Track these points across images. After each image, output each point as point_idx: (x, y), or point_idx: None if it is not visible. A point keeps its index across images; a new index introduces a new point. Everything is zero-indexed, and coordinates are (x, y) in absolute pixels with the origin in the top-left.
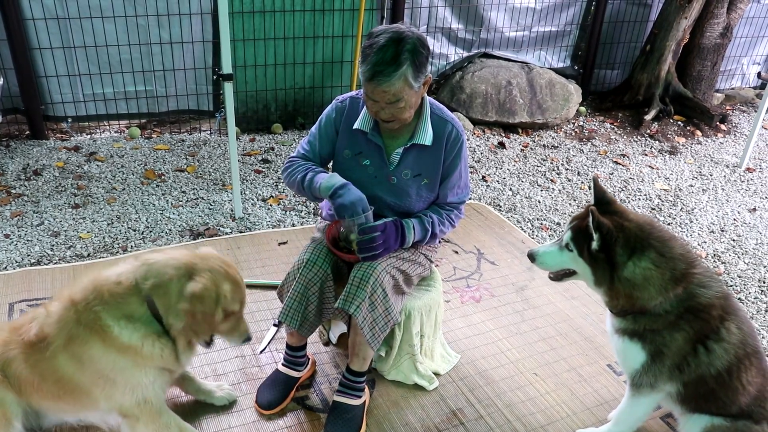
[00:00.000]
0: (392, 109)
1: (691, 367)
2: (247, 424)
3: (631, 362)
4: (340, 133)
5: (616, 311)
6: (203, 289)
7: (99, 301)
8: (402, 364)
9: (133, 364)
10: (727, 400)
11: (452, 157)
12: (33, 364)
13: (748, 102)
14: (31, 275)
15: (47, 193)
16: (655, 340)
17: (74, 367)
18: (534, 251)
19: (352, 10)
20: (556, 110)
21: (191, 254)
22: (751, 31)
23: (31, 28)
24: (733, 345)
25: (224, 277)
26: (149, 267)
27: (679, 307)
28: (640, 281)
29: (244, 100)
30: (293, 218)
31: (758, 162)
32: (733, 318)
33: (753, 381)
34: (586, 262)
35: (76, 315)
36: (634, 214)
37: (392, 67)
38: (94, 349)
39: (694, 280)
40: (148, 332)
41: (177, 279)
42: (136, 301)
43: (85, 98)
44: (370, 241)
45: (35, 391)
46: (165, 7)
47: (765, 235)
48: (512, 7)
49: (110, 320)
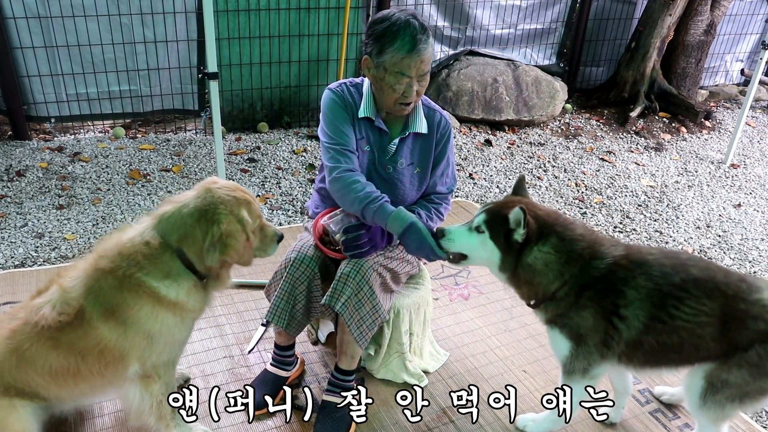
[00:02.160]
0: (421, 83)
1: (618, 339)
2: (236, 425)
3: (558, 351)
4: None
5: (527, 302)
6: (228, 229)
7: (135, 265)
8: (391, 363)
9: (180, 320)
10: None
11: (442, 145)
12: (68, 345)
13: (732, 99)
14: (15, 277)
15: (31, 194)
16: (568, 324)
17: (118, 333)
18: (444, 228)
19: (337, 8)
20: (542, 108)
21: (197, 194)
22: (734, 28)
23: (12, 28)
24: (646, 297)
25: (237, 203)
26: (167, 221)
27: (575, 286)
28: (540, 267)
29: (229, 99)
30: (280, 217)
31: (742, 158)
32: (638, 272)
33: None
34: (498, 247)
35: (116, 282)
36: (542, 206)
37: (425, 34)
38: (143, 311)
39: (589, 255)
40: (189, 285)
41: (198, 225)
42: (169, 258)
43: (69, 98)
44: (355, 240)
45: (60, 378)
46: (149, 5)
47: (750, 231)
48: (498, 5)
49: (154, 281)
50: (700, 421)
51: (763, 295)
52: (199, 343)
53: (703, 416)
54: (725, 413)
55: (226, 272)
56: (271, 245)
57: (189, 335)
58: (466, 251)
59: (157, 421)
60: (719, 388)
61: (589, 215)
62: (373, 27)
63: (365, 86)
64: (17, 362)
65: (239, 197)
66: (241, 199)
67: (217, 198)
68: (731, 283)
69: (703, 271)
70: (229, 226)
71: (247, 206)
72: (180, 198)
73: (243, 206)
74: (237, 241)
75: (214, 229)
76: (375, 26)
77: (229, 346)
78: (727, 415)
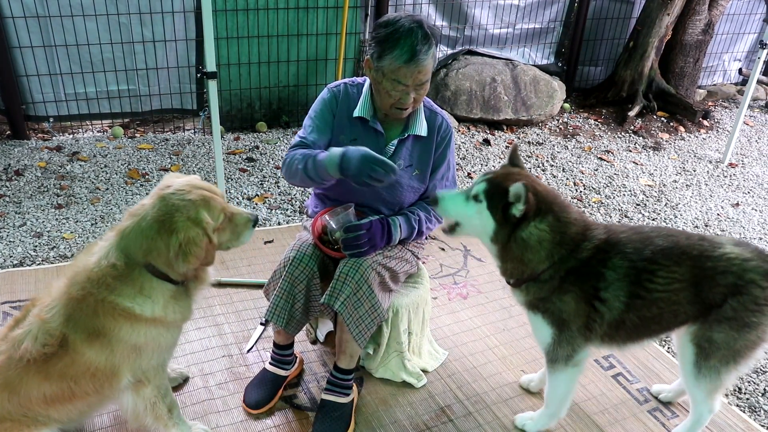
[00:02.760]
0: (418, 92)
1: (600, 321)
2: (234, 424)
3: (541, 338)
4: (337, 119)
5: (508, 279)
6: (186, 236)
7: (105, 288)
8: (390, 362)
9: (164, 330)
10: (663, 313)
11: (442, 149)
12: (59, 374)
13: (730, 98)
14: (14, 277)
15: (29, 194)
16: (549, 308)
17: (106, 354)
18: (439, 194)
19: (336, 8)
20: (540, 107)
21: (153, 202)
22: (732, 27)
23: (11, 27)
24: (624, 276)
25: (193, 206)
26: (128, 238)
27: (560, 269)
28: (534, 243)
29: (228, 99)
30: (279, 217)
31: (740, 157)
32: (615, 252)
33: (672, 278)
34: (495, 218)
35: (91, 308)
36: (541, 182)
37: (426, 45)
38: (124, 330)
39: (579, 239)
40: (165, 298)
41: (159, 237)
42: (138, 274)
43: (67, 98)
44: (354, 239)
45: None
46: (147, 5)
47: (748, 230)
48: (496, 5)
49: (127, 301)
50: (696, 396)
51: (725, 249)
52: (198, 342)
53: (699, 388)
54: (721, 379)
55: (203, 272)
56: (244, 232)
57: (177, 340)
58: (460, 219)
59: (155, 422)
60: (709, 350)
61: (587, 214)
62: (377, 30)
63: (366, 86)
64: (9, 396)
65: (195, 199)
66: (197, 200)
67: (171, 205)
68: (694, 244)
69: (667, 239)
70: (188, 233)
71: (206, 205)
72: (138, 210)
73: (201, 207)
74: (198, 247)
75: (173, 239)
76: (379, 29)
77: (228, 345)
78: (723, 381)
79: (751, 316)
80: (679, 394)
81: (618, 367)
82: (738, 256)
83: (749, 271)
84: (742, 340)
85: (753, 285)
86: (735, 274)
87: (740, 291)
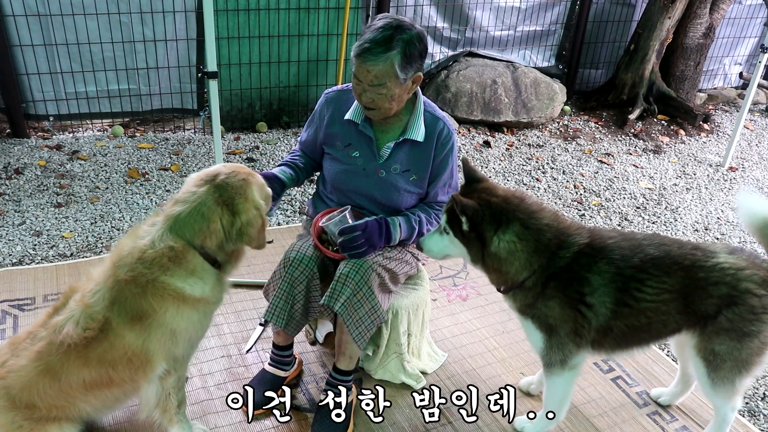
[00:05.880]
0: (374, 94)
1: (588, 327)
2: (233, 424)
3: (534, 342)
4: (330, 125)
5: (497, 287)
6: (247, 220)
7: (159, 269)
8: (389, 363)
9: (203, 315)
10: (651, 322)
11: (443, 156)
12: (98, 359)
13: (731, 102)
14: (13, 275)
15: (29, 192)
16: (536, 314)
17: (144, 338)
18: (420, 240)
19: (337, 9)
20: (541, 109)
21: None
22: (733, 31)
23: (11, 25)
24: (610, 282)
25: (251, 189)
26: (183, 221)
27: (541, 276)
28: (505, 255)
29: (228, 99)
30: (279, 217)
31: (741, 161)
32: (600, 257)
33: (661, 288)
34: (462, 243)
35: (139, 289)
36: (504, 189)
37: (381, 47)
38: (169, 312)
39: (556, 245)
40: (213, 280)
41: (220, 220)
42: (192, 256)
43: (68, 96)
44: (351, 241)
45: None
46: (148, 4)
47: (748, 234)
48: (497, 7)
49: (179, 282)
50: (716, 403)
51: (719, 258)
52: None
53: (717, 396)
54: (736, 387)
55: (242, 254)
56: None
57: (206, 331)
58: (444, 253)
59: (162, 414)
60: (715, 363)
61: (587, 217)
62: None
63: None
64: (50, 382)
65: (251, 183)
66: (252, 185)
67: (231, 190)
68: (686, 254)
69: (659, 248)
70: (248, 215)
71: (260, 189)
72: (187, 197)
73: (255, 190)
74: (255, 229)
75: (236, 221)
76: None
77: (227, 346)
78: (738, 388)
79: (750, 325)
80: (676, 396)
81: (617, 370)
82: (732, 265)
83: (744, 281)
84: (746, 349)
85: (748, 294)
86: (728, 285)
87: (735, 302)
